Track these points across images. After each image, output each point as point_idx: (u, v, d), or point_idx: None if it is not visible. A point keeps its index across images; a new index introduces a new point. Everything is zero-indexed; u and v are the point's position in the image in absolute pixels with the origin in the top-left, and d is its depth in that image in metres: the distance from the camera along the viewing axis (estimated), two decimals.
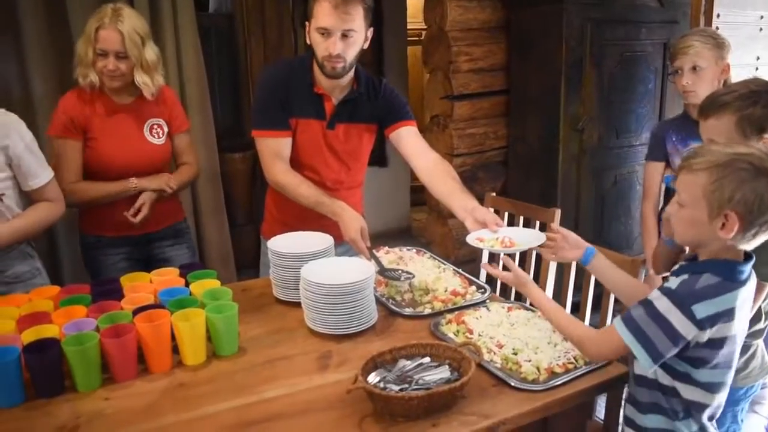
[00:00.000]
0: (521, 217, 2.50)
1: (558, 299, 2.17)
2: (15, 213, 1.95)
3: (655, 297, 1.32)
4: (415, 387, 1.37)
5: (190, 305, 1.65)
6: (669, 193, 2.34)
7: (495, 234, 1.78)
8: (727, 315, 1.29)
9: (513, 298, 2.35)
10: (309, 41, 2.02)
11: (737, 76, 2.17)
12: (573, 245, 1.68)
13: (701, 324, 1.27)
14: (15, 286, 1.91)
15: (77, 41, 2.21)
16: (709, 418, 1.39)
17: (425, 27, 3.66)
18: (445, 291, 1.90)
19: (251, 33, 4.28)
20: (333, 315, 1.66)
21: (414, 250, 2.26)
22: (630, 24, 3.37)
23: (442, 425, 1.33)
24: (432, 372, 1.43)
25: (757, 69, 3.11)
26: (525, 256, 2.47)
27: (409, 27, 5.31)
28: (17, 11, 2.65)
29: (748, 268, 1.34)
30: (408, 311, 1.82)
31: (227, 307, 1.63)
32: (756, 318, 1.71)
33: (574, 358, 1.54)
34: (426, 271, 2.03)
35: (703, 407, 1.36)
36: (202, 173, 3.06)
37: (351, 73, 2.08)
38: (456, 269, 2.08)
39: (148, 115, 2.34)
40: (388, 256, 2.15)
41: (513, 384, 1.46)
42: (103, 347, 1.50)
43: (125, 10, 2.18)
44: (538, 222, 2.42)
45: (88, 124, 2.23)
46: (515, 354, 1.55)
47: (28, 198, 2.00)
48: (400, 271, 1.97)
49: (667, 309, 1.29)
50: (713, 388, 1.35)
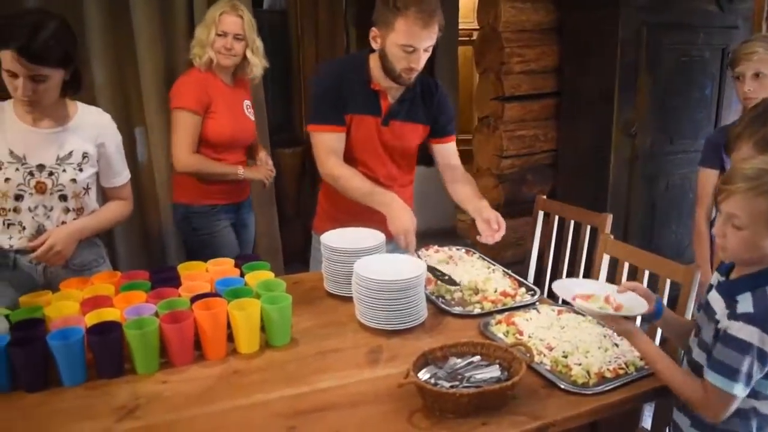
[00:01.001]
0: (572, 221, 2.49)
1: None
2: (93, 207, 2.03)
3: (735, 328, 1.30)
4: (466, 385, 1.38)
5: (245, 295, 1.69)
6: None
7: (589, 288, 1.62)
8: None
9: (561, 302, 2.34)
10: (377, 46, 2.05)
11: None
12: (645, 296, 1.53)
13: None
14: (81, 273, 1.98)
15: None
16: None
17: (476, 27, 3.67)
18: (495, 292, 1.90)
19: (304, 31, 4.34)
20: (384, 310, 1.68)
21: (463, 249, 2.27)
22: (688, 28, 3.31)
23: (492, 424, 1.34)
24: (482, 371, 1.44)
25: None
26: (574, 260, 2.46)
27: (460, 27, 5.31)
28: (83, 4, 2.74)
29: None
30: (457, 310, 1.83)
31: (281, 299, 1.67)
32: None
33: (624, 363, 1.54)
34: (475, 272, 2.04)
35: None
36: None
37: None
38: (506, 270, 2.09)
39: (244, 96, 2.75)
40: (437, 255, 2.17)
41: (563, 386, 1.46)
42: (162, 332, 1.55)
43: (241, 3, 2.63)
44: (588, 227, 2.40)
45: (210, 100, 2.56)
46: (565, 357, 1.55)
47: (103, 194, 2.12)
48: (447, 277, 1.96)
49: (754, 336, 1.28)
50: None
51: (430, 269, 1.94)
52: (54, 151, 1.89)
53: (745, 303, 1.32)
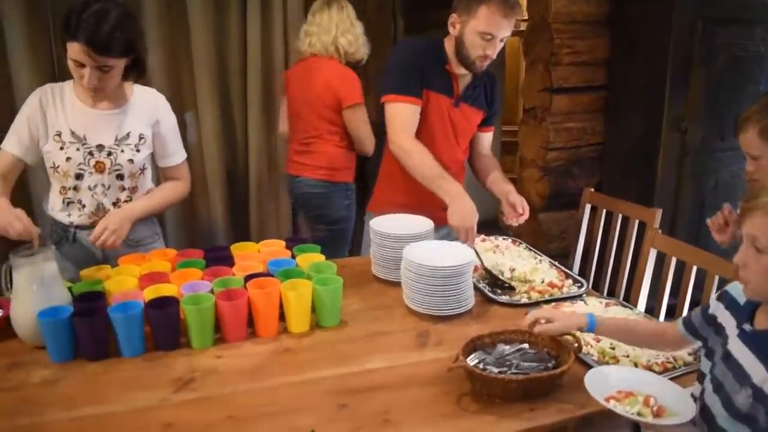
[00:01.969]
0: (619, 215, 2.47)
1: (653, 302, 2.15)
2: (148, 187, 2.09)
3: None
4: (515, 371, 1.39)
5: (296, 276, 1.74)
6: None
7: (627, 378, 1.39)
8: None
9: (606, 293, 2.34)
10: (454, 32, 2.08)
11: None
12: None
13: None
14: (136, 248, 2.04)
15: None
16: None
17: (523, 18, 3.64)
18: (542, 282, 1.91)
19: None
20: (432, 296, 1.71)
21: (509, 239, 2.28)
22: (744, 23, 3.24)
23: (539, 410, 1.35)
24: (530, 358, 1.46)
25: None
26: (620, 255, 2.44)
27: None
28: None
29: None
30: (504, 299, 1.85)
31: (332, 281, 1.70)
32: None
33: (673, 357, 1.54)
34: (522, 262, 2.05)
35: None
36: None
37: None
38: (552, 262, 2.09)
39: None
40: (484, 244, 2.19)
41: None
42: (218, 309, 1.60)
43: None
44: (637, 222, 2.38)
45: None
46: (612, 348, 1.56)
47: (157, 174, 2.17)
48: (508, 285, 1.95)
49: None
50: None
51: (489, 273, 1.96)
52: (113, 132, 1.94)
53: None
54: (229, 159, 3.08)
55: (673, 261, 2.11)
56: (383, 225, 1.96)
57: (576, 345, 1.48)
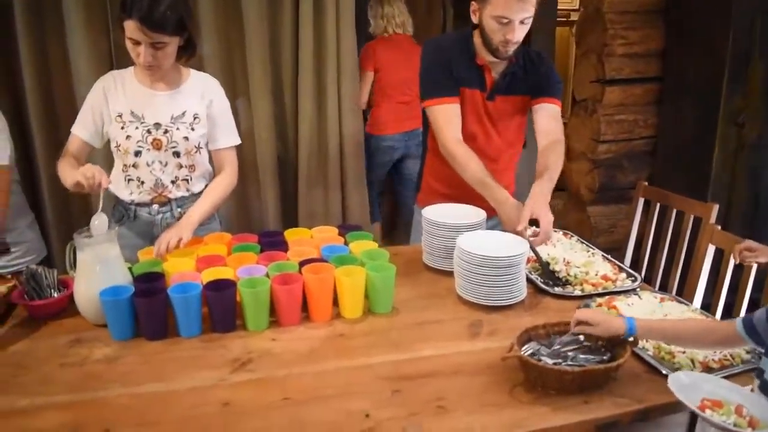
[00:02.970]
0: (674, 210, 2.43)
1: (709, 298, 2.11)
2: (205, 167, 2.14)
3: None
4: (570, 363, 1.39)
5: (350, 263, 1.75)
6: None
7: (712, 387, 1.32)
8: None
9: (657, 288, 2.30)
10: (477, 21, 2.07)
11: None
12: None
13: None
14: (195, 230, 2.08)
15: None
16: None
17: (573, 8, 3.59)
18: (596, 275, 1.89)
19: None
20: (485, 286, 1.70)
21: (561, 232, 2.25)
22: None
23: (594, 403, 1.35)
24: (585, 351, 1.45)
25: None
26: (673, 250, 2.40)
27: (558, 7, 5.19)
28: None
29: None
30: (557, 290, 1.83)
31: (385, 268, 1.71)
32: None
33: (730, 355, 1.51)
34: (575, 254, 2.03)
35: None
36: (351, 141, 3.19)
37: None
38: (605, 255, 2.06)
39: None
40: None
41: (665, 372, 1.44)
42: (273, 293, 1.63)
43: None
44: (692, 216, 2.34)
45: None
46: (668, 344, 1.54)
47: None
48: (562, 279, 1.93)
49: None
50: None
51: (546, 269, 1.94)
52: (169, 111, 2.02)
53: None
54: (280, 146, 3.11)
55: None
56: (435, 214, 1.96)
57: (632, 339, 1.47)
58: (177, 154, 2.05)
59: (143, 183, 2.06)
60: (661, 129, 3.54)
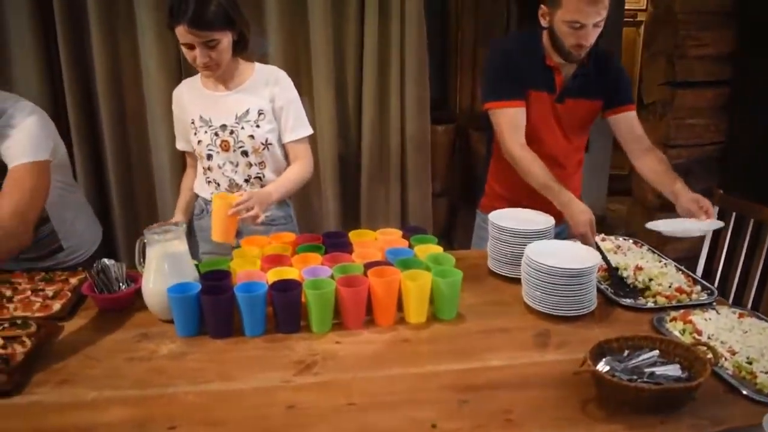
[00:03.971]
0: (751, 220, 2.32)
1: None
2: (278, 162, 2.14)
3: None
4: (646, 380, 1.33)
5: (415, 266, 1.72)
6: None
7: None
8: None
9: (731, 302, 2.20)
10: (547, 25, 2.04)
11: None
12: None
13: None
14: (269, 228, 2.11)
15: None
16: None
17: (640, 8, 3.47)
18: (669, 287, 1.82)
19: (464, 8, 4.29)
20: (555, 296, 1.65)
21: (631, 240, 2.18)
22: None
23: (671, 423, 1.29)
24: (661, 368, 1.39)
25: None
26: (750, 261, 2.29)
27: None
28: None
29: None
30: (628, 302, 1.77)
31: (452, 273, 1.68)
32: None
33: None
34: (647, 264, 1.95)
35: None
36: (412, 141, 3.16)
37: None
38: (678, 266, 1.98)
39: None
40: (604, 243, 2.10)
41: (746, 393, 1.37)
42: (338, 295, 1.61)
43: None
44: None
45: None
46: (749, 363, 1.46)
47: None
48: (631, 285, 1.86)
49: None
50: None
51: (615, 276, 1.89)
52: (233, 111, 2.04)
53: None
54: (342, 144, 3.11)
55: None
56: (502, 219, 1.92)
57: (711, 357, 1.40)
58: (245, 153, 2.06)
59: (219, 185, 2.11)
60: (733, 134, 3.40)
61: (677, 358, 1.42)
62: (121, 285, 1.79)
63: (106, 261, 1.81)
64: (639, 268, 1.89)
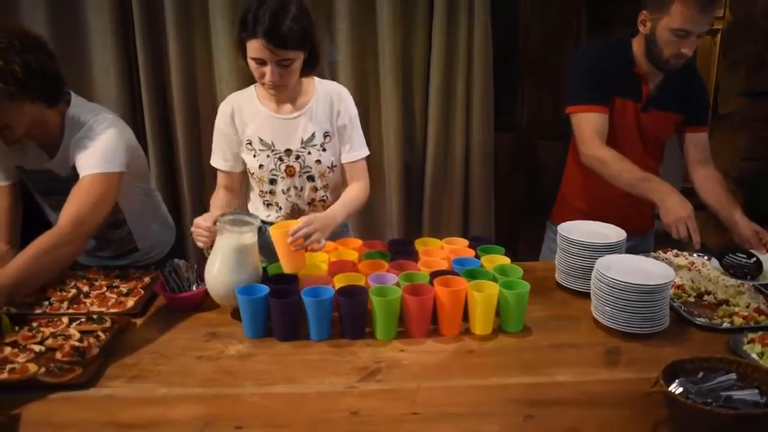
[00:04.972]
0: None
1: None
2: (340, 183, 2.09)
3: None
4: (722, 404, 1.28)
5: (482, 277, 1.71)
6: None
7: None
8: None
9: None
10: (645, 30, 2.00)
11: None
12: None
13: None
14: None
15: None
16: None
17: (717, 15, 3.35)
18: (747, 307, 1.74)
19: (532, 16, 4.24)
20: (626, 312, 1.61)
21: (705, 257, 2.10)
22: None
23: None
24: (738, 392, 1.33)
25: None
26: None
27: None
28: None
29: None
30: (701, 321, 1.71)
31: (519, 285, 1.66)
32: None
33: None
34: (723, 283, 1.88)
35: None
36: (477, 149, 3.14)
37: None
38: (757, 285, 1.90)
39: None
40: (677, 259, 2.04)
41: None
42: (404, 302, 1.61)
43: None
44: None
45: None
46: None
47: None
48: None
49: None
50: None
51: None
52: (298, 135, 1.98)
53: None
54: (407, 152, 3.12)
55: None
56: (572, 231, 1.88)
57: None
58: (311, 178, 2.02)
59: (281, 208, 2.08)
60: None
61: (756, 382, 1.36)
62: (192, 285, 1.84)
63: (177, 261, 1.86)
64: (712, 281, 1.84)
